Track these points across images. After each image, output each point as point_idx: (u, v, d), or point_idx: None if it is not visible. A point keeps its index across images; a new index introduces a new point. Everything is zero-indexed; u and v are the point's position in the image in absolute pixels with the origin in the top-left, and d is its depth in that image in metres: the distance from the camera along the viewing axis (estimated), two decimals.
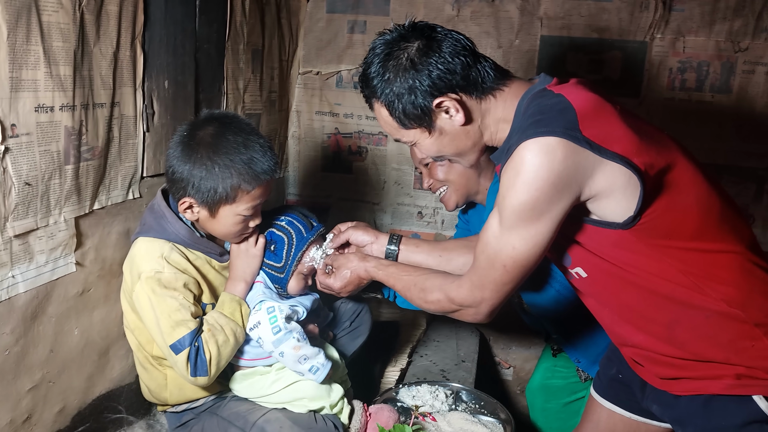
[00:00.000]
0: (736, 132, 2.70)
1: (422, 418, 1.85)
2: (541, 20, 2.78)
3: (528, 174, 1.24)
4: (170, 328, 1.59)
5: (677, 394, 1.45)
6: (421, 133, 1.44)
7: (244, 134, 1.64)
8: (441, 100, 1.38)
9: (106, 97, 1.67)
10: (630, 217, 1.28)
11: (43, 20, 1.42)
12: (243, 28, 2.42)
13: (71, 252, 1.63)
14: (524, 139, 1.25)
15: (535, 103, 1.34)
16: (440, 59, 1.37)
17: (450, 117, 1.40)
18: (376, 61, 1.43)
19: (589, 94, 1.32)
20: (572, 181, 1.25)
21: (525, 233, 1.30)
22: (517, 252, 1.32)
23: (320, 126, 3.11)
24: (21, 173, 1.43)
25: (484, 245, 1.38)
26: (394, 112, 1.42)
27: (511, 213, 1.29)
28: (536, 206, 1.26)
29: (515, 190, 1.27)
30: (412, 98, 1.38)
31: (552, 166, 1.23)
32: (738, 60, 2.64)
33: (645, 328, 1.42)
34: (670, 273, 1.33)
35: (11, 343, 1.49)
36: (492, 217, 1.36)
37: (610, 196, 1.28)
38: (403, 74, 1.38)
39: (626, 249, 1.33)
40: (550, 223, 1.29)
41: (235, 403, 1.78)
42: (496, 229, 1.34)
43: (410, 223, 3.13)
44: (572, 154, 1.23)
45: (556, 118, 1.26)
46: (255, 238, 1.78)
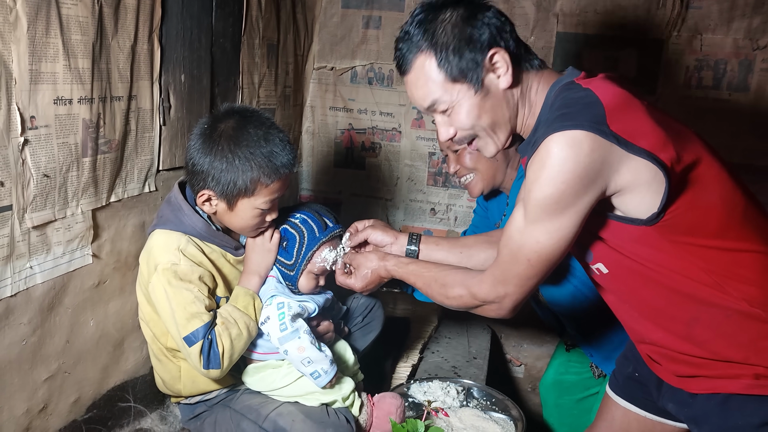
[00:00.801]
0: (753, 130, 2.67)
1: (435, 413, 1.85)
2: (557, 17, 2.76)
3: (554, 167, 1.23)
4: (185, 320, 1.60)
5: (694, 393, 1.44)
6: (467, 91, 1.38)
7: (265, 128, 1.66)
8: (495, 52, 1.36)
9: (124, 90, 1.68)
10: (654, 213, 1.27)
11: (63, 13, 1.43)
12: (259, 22, 2.42)
13: (88, 244, 1.64)
14: (550, 132, 1.24)
15: (563, 95, 1.33)
16: (491, 18, 1.37)
17: (498, 77, 1.38)
18: (419, 18, 1.39)
19: (617, 89, 1.31)
20: (598, 175, 1.24)
21: (550, 227, 1.29)
22: (542, 246, 1.31)
23: (334, 121, 3.11)
24: (39, 165, 1.44)
25: (508, 239, 1.37)
26: (445, 61, 1.36)
27: (536, 206, 1.28)
28: (562, 200, 1.25)
29: (541, 183, 1.26)
30: (468, 48, 1.35)
31: (578, 159, 1.22)
32: (756, 58, 2.61)
33: (664, 325, 1.41)
34: (692, 271, 1.32)
35: (28, 333, 1.50)
36: (516, 211, 1.35)
37: (634, 191, 1.27)
38: (458, 25, 1.36)
39: (648, 245, 1.32)
40: (575, 217, 1.28)
41: (247, 396, 1.79)
42: (521, 223, 1.33)
43: (423, 219, 3.12)
44: (599, 148, 1.22)
45: (583, 112, 1.25)
46: (271, 233, 1.79)
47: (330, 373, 1.72)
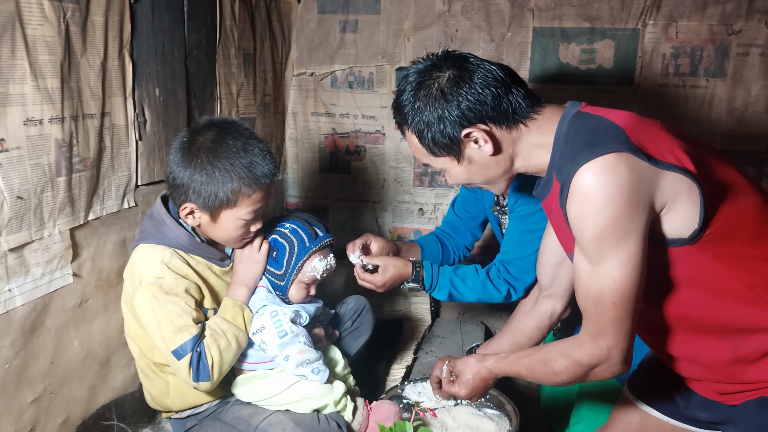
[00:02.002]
0: (731, 115, 2.68)
1: (423, 413, 1.85)
2: (533, 12, 2.77)
3: (599, 197, 1.19)
4: (172, 333, 1.59)
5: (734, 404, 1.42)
6: (450, 162, 1.44)
7: (244, 138, 1.65)
8: (469, 131, 1.37)
9: (96, 107, 1.67)
10: (696, 229, 1.24)
11: (28, 34, 1.43)
12: (233, 32, 2.42)
13: (67, 263, 1.64)
14: (580, 165, 1.21)
15: (576, 126, 1.31)
16: (471, 90, 1.36)
17: (479, 147, 1.39)
18: (408, 89, 1.43)
19: (624, 112, 1.31)
20: (644, 193, 1.21)
21: (618, 260, 1.23)
22: (620, 283, 1.24)
23: (316, 127, 3.11)
24: (12, 187, 1.43)
25: (585, 290, 1.31)
26: (423, 140, 1.43)
27: (596, 244, 1.23)
28: (619, 227, 1.20)
29: (591, 218, 1.21)
30: (441, 127, 1.38)
31: (620, 180, 1.18)
32: (732, 43, 2.62)
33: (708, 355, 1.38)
34: (736, 288, 1.29)
35: (11, 356, 1.49)
36: (578, 260, 1.30)
37: (676, 205, 1.24)
38: (433, 104, 1.38)
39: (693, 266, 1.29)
40: (638, 241, 1.22)
41: (237, 408, 1.78)
42: (589, 269, 1.28)
43: (411, 220, 3.12)
44: (635, 166, 1.19)
45: (606, 136, 1.23)
46: (259, 244, 1.79)
47: (326, 369, 1.74)
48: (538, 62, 2.80)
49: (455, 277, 1.99)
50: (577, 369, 1.39)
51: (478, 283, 2.00)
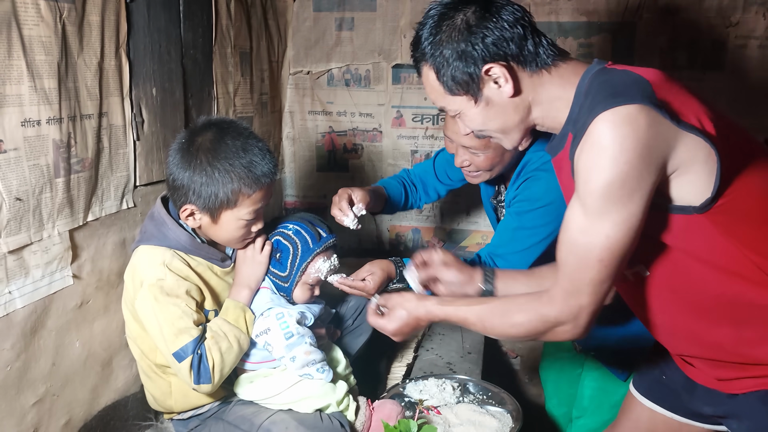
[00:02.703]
0: (729, 108, 2.67)
1: (427, 411, 1.85)
2: (529, 6, 2.76)
3: (613, 148, 1.13)
4: (173, 335, 1.59)
5: (735, 393, 1.39)
6: (467, 102, 1.35)
7: (243, 138, 1.64)
8: (490, 67, 1.29)
9: (93, 107, 1.67)
10: (708, 198, 1.19)
11: (24, 34, 1.42)
12: (229, 31, 2.41)
13: (67, 265, 1.63)
14: (599, 112, 1.15)
15: (602, 79, 1.24)
16: (497, 24, 1.28)
17: (498, 87, 1.31)
18: (429, 22, 1.35)
19: (652, 69, 1.25)
20: (659, 151, 1.15)
21: (617, 217, 1.17)
22: (612, 241, 1.19)
23: (314, 125, 3.11)
24: (11, 189, 1.43)
25: (571, 245, 1.25)
26: (442, 77, 1.34)
27: (599, 197, 1.17)
28: (626, 183, 1.14)
29: (600, 168, 1.15)
30: (462, 63, 1.30)
31: (638, 135, 1.12)
32: (729, 35, 2.62)
33: (710, 331, 1.34)
34: (743, 266, 1.25)
35: (12, 358, 1.49)
36: (572, 212, 1.24)
37: (690, 170, 1.18)
38: (456, 36, 1.30)
39: (700, 238, 1.24)
40: (641, 202, 1.17)
41: (240, 407, 1.78)
42: (582, 222, 1.21)
43: (410, 218, 3.12)
44: (655, 123, 1.13)
45: (630, 88, 1.17)
46: (261, 245, 1.78)
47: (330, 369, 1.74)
48: None
49: None
50: (539, 324, 1.33)
51: None
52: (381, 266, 1.91)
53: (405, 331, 1.55)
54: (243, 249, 1.78)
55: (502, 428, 1.83)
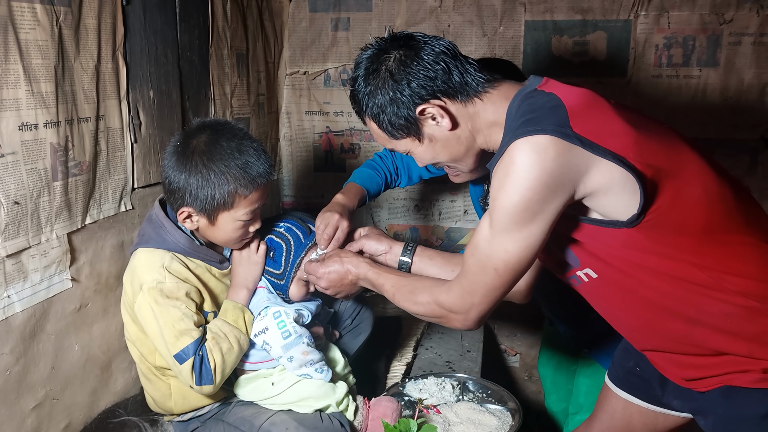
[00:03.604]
0: (725, 105, 2.69)
1: (426, 411, 1.85)
2: (524, 5, 2.77)
3: (519, 174, 1.21)
4: (174, 338, 1.59)
5: (702, 391, 1.43)
6: (412, 142, 1.44)
7: (238, 139, 1.64)
8: (424, 107, 1.37)
9: (91, 111, 1.66)
10: (634, 214, 1.24)
11: (21, 38, 1.42)
12: (225, 33, 2.41)
13: (66, 268, 1.63)
14: (514, 139, 1.22)
15: (526, 103, 1.31)
16: (419, 66, 1.36)
17: (437, 123, 1.39)
18: (360, 75, 1.43)
19: (580, 90, 1.30)
20: (565, 180, 1.22)
21: (518, 235, 1.26)
22: (510, 255, 1.29)
23: (311, 126, 3.11)
24: (9, 193, 1.43)
25: (475, 249, 1.35)
26: (381, 124, 1.43)
27: (502, 215, 1.26)
28: (529, 207, 1.23)
29: (506, 191, 1.24)
30: (395, 108, 1.39)
31: (544, 165, 1.20)
32: (723, 32, 2.63)
33: (663, 331, 1.39)
34: (684, 270, 1.30)
35: (11, 362, 1.49)
36: (483, 221, 1.33)
37: (608, 193, 1.25)
38: (383, 86, 1.39)
39: (635, 249, 1.30)
40: (543, 224, 1.26)
41: (240, 408, 1.78)
42: (487, 233, 1.31)
43: (407, 217, 3.13)
44: (564, 152, 1.20)
45: (546, 116, 1.23)
46: (256, 245, 1.78)
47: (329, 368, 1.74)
48: (531, 56, 2.80)
49: None
50: (436, 309, 1.47)
51: None
52: None
53: (332, 279, 1.70)
54: (239, 250, 1.78)
55: (502, 426, 1.83)
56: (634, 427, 1.65)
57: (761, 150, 2.71)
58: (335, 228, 1.83)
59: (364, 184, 2.14)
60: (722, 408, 1.39)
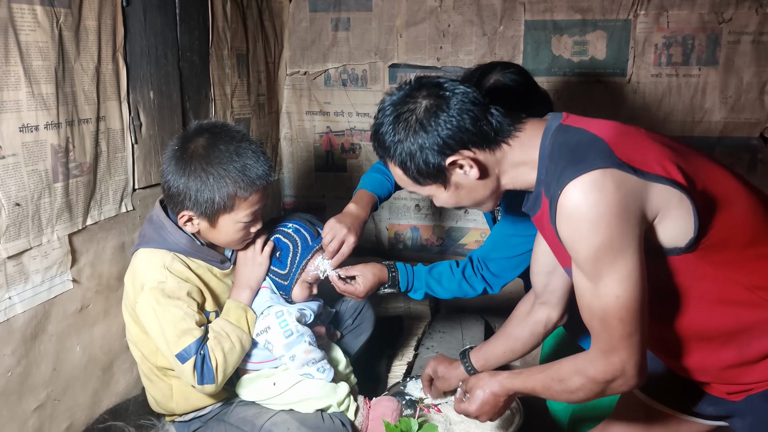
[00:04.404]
0: (725, 103, 2.69)
1: (428, 410, 1.85)
2: (524, 5, 2.77)
3: (589, 216, 1.17)
4: (176, 337, 1.59)
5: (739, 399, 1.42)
6: (437, 189, 1.41)
7: (236, 142, 1.64)
8: (454, 159, 1.34)
9: (91, 112, 1.67)
10: (692, 238, 1.22)
11: (21, 40, 1.42)
12: (226, 33, 2.41)
13: (67, 269, 1.63)
14: (565, 183, 1.19)
15: (560, 141, 1.29)
16: (449, 117, 1.33)
17: (465, 173, 1.36)
18: (386, 121, 1.39)
19: (607, 122, 1.29)
20: (634, 206, 1.19)
21: (617, 276, 1.21)
22: (623, 300, 1.22)
23: (311, 126, 3.11)
24: (10, 194, 1.43)
25: (589, 309, 1.29)
26: (408, 171, 1.39)
27: (593, 263, 1.21)
28: (613, 245, 1.18)
29: (584, 238, 1.19)
30: (424, 157, 1.35)
31: (609, 198, 1.16)
32: (723, 31, 2.63)
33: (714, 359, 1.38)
34: (735, 292, 1.28)
35: (13, 364, 1.49)
36: (577, 278, 1.29)
37: (667, 215, 1.22)
38: (413, 135, 1.35)
39: (689, 275, 1.28)
40: (635, 256, 1.21)
41: (241, 408, 1.78)
42: (589, 287, 1.25)
43: (408, 216, 3.13)
44: (622, 181, 1.17)
45: (589, 152, 1.21)
46: (261, 246, 1.78)
47: (331, 368, 1.75)
48: (531, 55, 2.80)
49: (431, 279, 1.96)
50: (593, 386, 1.36)
51: (454, 283, 1.97)
52: (373, 270, 1.90)
53: (487, 410, 1.59)
54: (243, 250, 1.78)
55: (503, 425, 1.83)
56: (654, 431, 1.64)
57: (761, 148, 2.71)
58: (341, 242, 1.82)
59: (375, 191, 2.14)
60: (762, 409, 1.37)
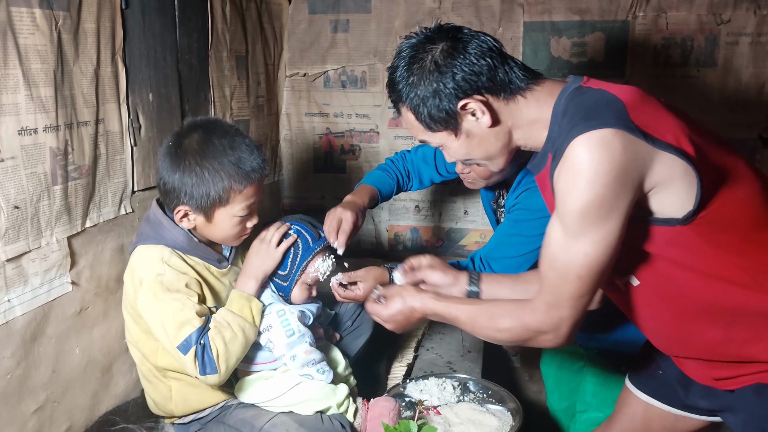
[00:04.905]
0: (723, 104, 2.70)
1: (426, 412, 1.85)
2: (522, 6, 2.77)
3: (589, 171, 1.17)
4: (175, 329, 1.58)
5: (731, 389, 1.42)
6: (448, 136, 1.40)
7: (229, 136, 1.65)
8: (466, 102, 1.33)
9: (90, 114, 1.67)
10: (690, 210, 1.22)
11: (20, 43, 1.43)
12: (225, 35, 2.42)
13: (66, 272, 1.63)
14: (574, 136, 1.19)
15: (577, 100, 1.28)
16: (465, 60, 1.32)
17: (476, 119, 1.35)
18: (401, 64, 1.39)
19: (629, 87, 1.28)
20: (634, 172, 1.19)
21: (595, 236, 1.21)
22: (591, 258, 1.23)
23: (311, 127, 3.11)
24: (9, 197, 1.43)
25: (552, 260, 1.30)
26: (420, 116, 1.38)
27: (577, 217, 1.21)
28: (603, 204, 1.18)
29: (577, 191, 1.19)
30: (437, 101, 1.34)
31: (612, 158, 1.16)
32: (721, 32, 2.64)
33: (701, 333, 1.37)
34: (729, 271, 1.28)
35: (12, 366, 1.49)
36: (552, 228, 1.28)
37: (669, 187, 1.21)
38: (427, 77, 1.34)
39: (685, 248, 1.27)
40: (618, 220, 1.21)
41: (241, 410, 1.78)
42: (562, 240, 1.25)
43: (407, 217, 3.13)
44: (630, 145, 1.17)
45: (605, 110, 1.20)
46: (278, 239, 1.78)
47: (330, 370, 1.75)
48: (530, 57, 2.81)
49: None
50: (523, 332, 1.38)
51: None
52: (374, 274, 1.90)
53: (399, 320, 1.60)
54: (258, 240, 1.79)
55: (503, 426, 1.83)
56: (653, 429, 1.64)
57: (759, 149, 2.72)
58: (339, 220, 1.83)
59: (375, 184, 2.15)
60: (754, 405, 1.37)
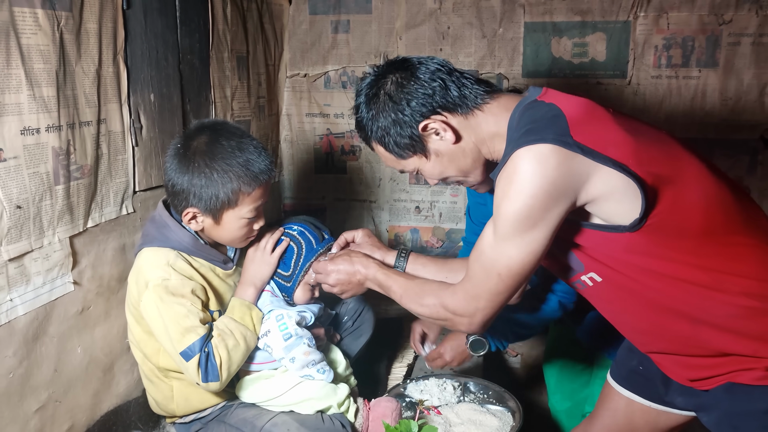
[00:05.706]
0: (724, 105, 2.69)
1: (427, 412, 1.86)
2: (524, 7, 2.77)
3: (521, 182, 1.25)
4: (180, 335, 1.59)
5: (706, 389, 1.45)
6: (419, 160, 1.48)
7: (237, 138, 1.67)
8: (426, 123, 1.41)
9: (92, 114, 1.67)
10: (636, 219, 1.27)
11: (23, 43, 1.43)
12: (226, 36, 2.42)
13: (68, 271, 1.64)
14: (516, 149, 1.26)
15: (526, 115, 1.34)
16: (416, 85, 1.41)
17: (440, 138, 1.43)
18: (362, 102, 1.48)
19: (580, 99, 1.33)
20: (567, 188, 1.26)
21: (520, 241, 1.30)
22: (513, 261, 1.33)
23: (311, 128, 3.11)
24: (11, 197, 1.43)
25: (479, 254, 1.39)
26: (387, 146, 1.47)
27: (505, 222, 1.29)
28: (531, 214, 1.26)
29: (509, 198, 1.27)
30: (398, 129, 1.43)
31: (545, 173, 1.24)
32: (723, 33, 2.64)
33: (668, 333, 1.41)
34: (687, 272, 1.32)
35: (15, 365, 1.50)
36: (487, 227, 1.37)
37: (610, 199, 1.28)
38: (384, 109, 1.43)
39: (638, 253, 1.32)
40: (545, 231, 1.29)
41: (242, 410, 1.79)
42: (491, 239, 1.34)
43: (408, 218, 3.13)
44: (566, 161, 1.24)
45: (547, 126, 1.27)
46: (272, 245, 1.80)
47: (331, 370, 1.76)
48: (531, 57, 2.81)
49: None
50: (441, 312, 1.50)
51: None
52: None
53: (340, 278, 1.71)
54: (253, 248, 1.80)
55: (503, 427, 1.84)
56: (635, 425, 1.66)
57: (761, 150, 2.71)
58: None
59: None
60: (726, 403, 1.40)
